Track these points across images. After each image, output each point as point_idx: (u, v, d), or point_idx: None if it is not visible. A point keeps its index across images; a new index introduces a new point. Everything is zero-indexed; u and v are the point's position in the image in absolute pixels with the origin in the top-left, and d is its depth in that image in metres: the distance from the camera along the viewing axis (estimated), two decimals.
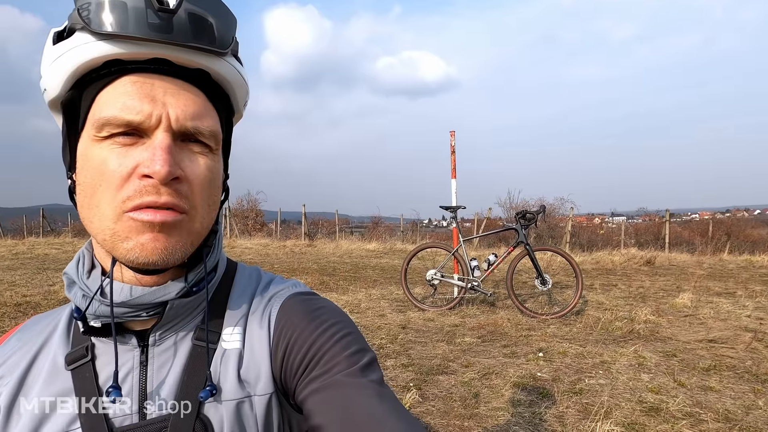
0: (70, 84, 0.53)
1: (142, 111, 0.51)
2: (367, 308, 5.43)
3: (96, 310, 0.55)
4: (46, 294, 6.06)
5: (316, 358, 0.56)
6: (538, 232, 15.32)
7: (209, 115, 0.56)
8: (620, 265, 9.64)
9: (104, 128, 0.51)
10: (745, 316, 4.95)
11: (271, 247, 13.55)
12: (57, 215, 22.94)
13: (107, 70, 0.52)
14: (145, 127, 0.51)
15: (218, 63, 0.56)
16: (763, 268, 9.31)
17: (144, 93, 0.51)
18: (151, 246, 0.52)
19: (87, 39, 0.50)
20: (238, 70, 0.59)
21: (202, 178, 0.55)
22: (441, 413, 2.77)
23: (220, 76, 0.57)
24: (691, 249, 13.61)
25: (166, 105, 0.52)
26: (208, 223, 0.58)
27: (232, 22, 0.57)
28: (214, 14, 0.54)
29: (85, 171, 0.53)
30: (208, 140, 0.55)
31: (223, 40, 0.55)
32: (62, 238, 15.65)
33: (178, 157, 0.53)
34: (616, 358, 3.63)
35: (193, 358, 0.58)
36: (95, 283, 0.57)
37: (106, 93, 0.52)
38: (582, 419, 2.66)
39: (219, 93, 0.59)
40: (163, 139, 0.51)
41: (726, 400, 2.89)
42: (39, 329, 0.63)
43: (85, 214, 0.54)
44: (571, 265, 5.06)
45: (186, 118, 0.53)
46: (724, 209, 40.21)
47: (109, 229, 0.52)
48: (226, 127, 0.62)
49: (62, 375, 0.57)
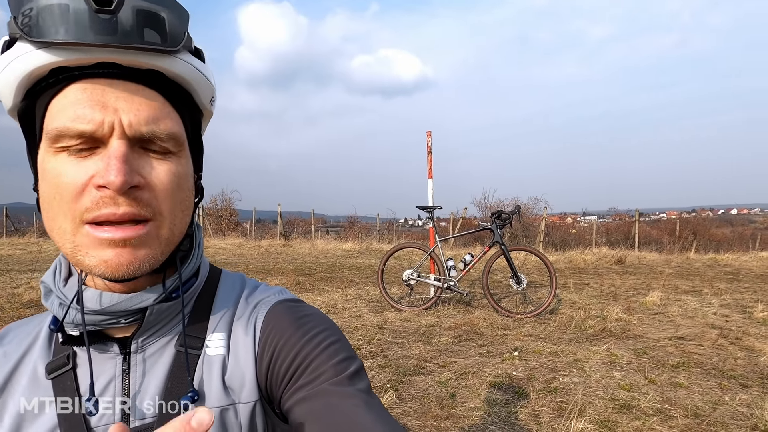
0: (21, 94, 0.51)
1: (94, 119, 0.48)
2: (344, 309, 5.40)
3: (74, 318, 0.54)
4: (9, 297, 5.81)
5: (303, 366, 0.55)
6: (512, 232, 15.52)
7: (167, 117, 0.53)
8: (592, 264, 9.85)
9: (59, 140, 0.49)
10: (711, 314, 5.11)
11: (245, 247, 13.35)
12: (21, 214, 22.16)
13: (55, 78, 0.49)
14: (99, 135, 0.49)
15: (170, 61, 0.52)
16: (727, 266, 9.65)
17: (94, 100, 0.49)
18: (116, 262, 0.50)
19: (27, 48, 0.48)
20: (196, 66, 0.56)
21: (166, 184, 0.53)
22: (418, 414, 2.77)
23: (175, 75, 0.54)
24: (660, 248, 14.01)
25: (118, 111, 0.49)
26: (180, 229, 0.56)
27: (183, 15, 0.53)
28: (161, 10, 0.51)
29: (44, 183, 0.51)
30: (167, 143, 0.53)
31: (173, 36, 0.51)
32: (27, 239, 15.09)
33: (137, 164, 0.50)
34: (589, 356, 3.70)
35: (176, 364, 0.57)
36: (72, 291, 0.56)
37: (57, 102, 0.50)
38: (557, 417, 2.69)
39: (178, 92, 0.56)
40: (118, 147, 0.49)
41: (694, 396, 2.97)
42: (19, 338, 0.61)
43: (49, 226, 0.52)
44: (545, 264, 5.13)
45: (140, 123, 0.50)
46: (690, 209, 41.53)
47: (70, 242, 0.50)
48: (192, 127, 0.59)
49: (43, 384, 0.56)
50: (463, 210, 17.01)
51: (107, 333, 0.58)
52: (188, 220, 0.58)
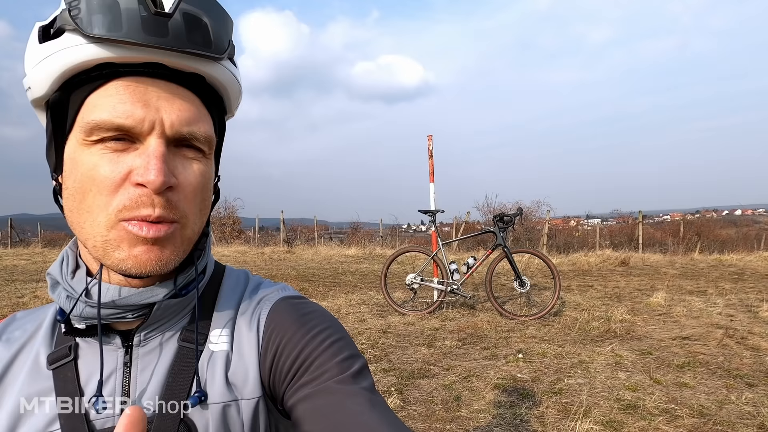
0: (57, 85, 0.51)
1: (134, 115, 0.49)
2: (348, 314, 5.39)
3: (81, 311, 0.54)
4: (14, 306, 5.85)
5: (306, 363, 0.55)
6: (515, 235, 15.49)
7: (204, 120, 0.55)
8: (596, 266, 9.82)
9: (94, 132, 0.49)
10: (716, 314, 5.09)
11: (249, 254, 13.37)
12: (26, 225, 22.28)
13: (98, 72, 0.50)
14: (137, 132, 0.49)
15: (214, 68, 0.54)
16: (732, 266, 9.60)
17: (137, 97, 0.50)
18: (145, 258, 0.51)
19: (78, 41, 0.48)
20: (234, 73, 0.58)
21: (195, 185, 0.54)
22: (423, 417, 2.76)
23: (215, 81, 0.56)
24: (664, 249, 13.96)
25: (160, 110, 0.50)
26: (200, 228, 0.57)
27: (229, 24, 0.55)
28: (210, 17, 0.52)
29: (74, 175, 0.51)
30: (202, 145, 0.54)
31: (219, 43, 0.53)
32: (31, 249, 15.15)
33: (172, 164, 0.51)
34: (593, 357, 3.69)
35: (178, 359, 0.57)
36: (80, 284, 0.55)
37: (96, 96, 0.50)
38: (562, 419, 2.68)
39: (213, 96, 0.57)
40: (157, 146, 0.50)
41: (700, 396, 2.96)
42: (22, 327, 0.61)
43: (75, 218, 0.52)
44: (548, 266, 5.12)
45: (182, 124, 0.51)
46: (694, 210, 41.37)
47: (101, 236, 0.50)
48: (219, 130, 0.61)
49: (43, 374, 0.56)
50: (465, 214, 17.01)
51: (110, 326, 0.58)
52: (206, 220, 0.59)
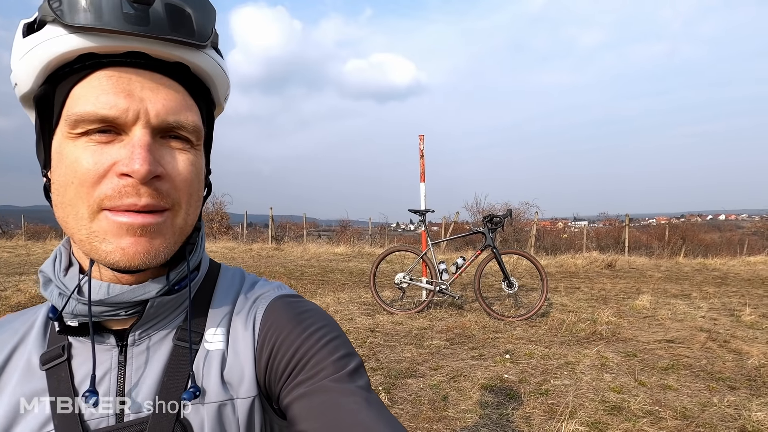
0: (42, 78, 0.51)
1: (118, 106, 0.48)
2: (336, 312, 5.38)
3: (73, 309, 0.54)
4: None
5: (302, 362, 0.55)
6: (504, 236, 15.58)
7: (190, 110, 0.54)
8: (583, 269, 9.90)
9: (79, 125, 0.49)
10: (699, 317, 5.16)
11: (237, 250, 13.28)
12: (9, 217, 21.93)
13: (81, 64, 0.49)
14: (122, 122, 0.49)
15: (198, 56, 0.54)
16: (715, 270, 9.75)
17: (120, 88, 0.49)
18: (133, 250, 0.50)
19: (59, 32, 0.48)
20: (219, 62, 0.57)
21: (185, 175, 0.53)
22: (410, 416, 2.77)
23: (200, 70, 0.55)
24: (649, 252, 14.14)
25: (144, 100, 0.50)
26: (192, 220, 0.57)
27: (212, 12, 0.55)
28: (191, 5, 0.52)
29: (59, 169, 0.51)
30: (190, 135, 0.54)
31: (202, 31, 0.53)
32: (15, 241, 14.87)
33: (158, 154, 0.51)
34: (579, 358, 3.72)
35: (173, 358, 0.56)
36: (72, 282, 0.55)
37: (80, 88, 0.50)
38: (548, 419, 2.70)
39: (199, 87, 0.57)
40: (142, 135, 0.49)
41: (683, 398, 3.00)
42: (14, 328, 0.60)
43: (61, 213, 0.52)
44: (536, 268, 5.15)
45: (167, 113, 0.51)
46: (679, 214, 41.93)
47: (86, 228, 0.50)
48: (208, 122, 0.60)
49: (37, 375, 0.55)
50: (455, 214, 17.07)
51: (104, 325, 0.57)
52: (198, 212, 0.58)
